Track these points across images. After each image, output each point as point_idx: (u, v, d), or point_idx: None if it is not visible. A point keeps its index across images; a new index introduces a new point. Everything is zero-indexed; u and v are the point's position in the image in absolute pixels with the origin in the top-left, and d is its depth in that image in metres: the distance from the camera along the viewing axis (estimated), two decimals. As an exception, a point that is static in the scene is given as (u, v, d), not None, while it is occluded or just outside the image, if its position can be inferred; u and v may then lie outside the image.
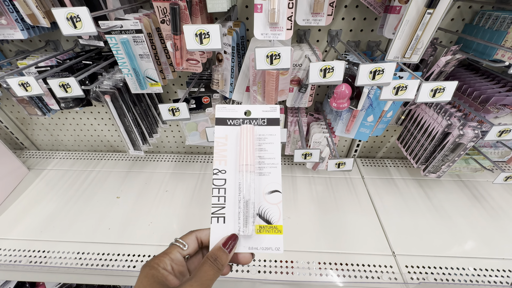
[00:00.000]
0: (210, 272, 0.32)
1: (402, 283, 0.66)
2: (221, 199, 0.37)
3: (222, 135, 0.39)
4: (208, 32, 0.43)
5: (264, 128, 0.39)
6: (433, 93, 0.49)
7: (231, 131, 0.39)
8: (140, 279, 0.31)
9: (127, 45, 0.56)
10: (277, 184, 0.37)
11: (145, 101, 0.79)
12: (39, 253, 0.74)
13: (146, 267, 0.32)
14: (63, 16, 0.41)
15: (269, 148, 0.38)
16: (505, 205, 0.87)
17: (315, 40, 0.77)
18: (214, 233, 0.36)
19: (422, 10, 0.48)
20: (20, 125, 1.08)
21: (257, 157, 0.38)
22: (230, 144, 0.38)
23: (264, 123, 0.39)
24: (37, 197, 0.92)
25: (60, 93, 0.53)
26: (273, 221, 0.36)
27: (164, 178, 0.99)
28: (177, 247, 0.35)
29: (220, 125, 0.39)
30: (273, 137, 0.38)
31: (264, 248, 0.36)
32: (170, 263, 0.33)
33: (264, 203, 0.36)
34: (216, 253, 0.33)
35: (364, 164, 1.07)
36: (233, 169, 0.37)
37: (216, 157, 0.38)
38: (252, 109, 0.39)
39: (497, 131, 0.56)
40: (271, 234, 0.36)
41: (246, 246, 0.36)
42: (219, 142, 0.38)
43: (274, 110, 0.39)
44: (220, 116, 0.39)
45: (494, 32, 0.61)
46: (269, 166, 0.38)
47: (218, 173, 0.37)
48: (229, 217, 0.36)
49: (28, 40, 0.81)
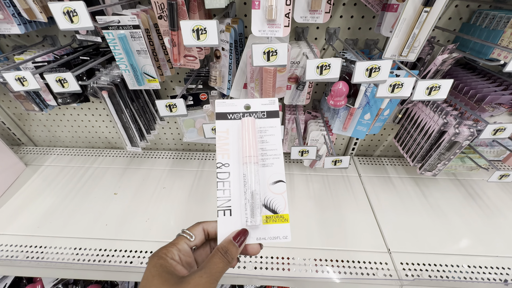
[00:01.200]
0: (220, 264, 0.32)
1: (396, 280, 0.67)
2: (226, 192, 0.37)
3: (224, 129, 0.39)
4: (205, 28, 0.43)
5: (264, 121, 0.39)
6: (428, 91, 0.50)
7: (232, 125, 0.39)
8: (148, 269, 0.31)
9: (125, 41, 0.56)
10: (280, 175, 0.38)
11: (142, 98, 0.79)
12: (36, 249, 0.74)
13: (155, 257, 0.32)
14: (59, 10, 0.41)
15: (270, 139, 0.39)
16: (500, 203, 0.88)
17: (313, 38, 0.77)
18: (221, 226, 0.36)
19: (419, 9, 0.48)
20: (18, 121, 1.08)
21: (260, 149, 0.38)
22: (232, 138, 0.39)
23: (264, 116, 0.40)
24: (35, 193, 0.92)
25: (57, 88, 0.53)
26: (279, 211, 0.37)
27: (161, 175, 0.99)
28: (184, 238, 0.35)
29: (221, 120, 0.39)
30: (274, 129, 0.39)
31: (272, 237, 0.36)
32: (177, 253, 0.33)
33: (269, 194, 0.37)
34: (227, 246, 0.34)
35: (362, 162, 1.07)
36: (236, 162, 0.38)
37: (219, 151, 0.38)
38: (252, 103, 0.40)
39: (492, 129, 0.56)
40: (278, 224, 0.36)
41: (254, 237, 0.36)
42: (221, 137, 0.39)
43: (273, 103, 0.40)
44: (220, 110, 0.40)
45: (491, 31, 0.62)
46: (272, 157, 0.38)
47: (222, 167, 0.38)
48: (235, 210, 0.36)
49: (25, 35, 0.80)
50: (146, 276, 0.31)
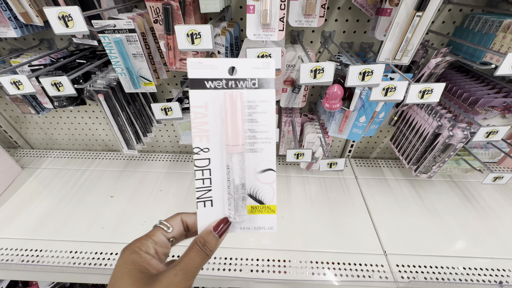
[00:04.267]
0: (197, 258, 0.29)
1: (392, 282, 0.67)
2: (206, 182, 0.32)
3: (201, 103, 0.30)
4: (199, 33, 0.43)
5: (255, 93, 0.30)
6: (421, 94, 0.50)
7: (212, 96, 0.30)
8: (118, 265, 0.28)
9: (120, 45, 0.56)
10: (270, 162, 0.32)
11: (139, 100, 0.80)
12: (32, 252, 0.74)
13: (126, 251, 0.29)
14: (54, 15, 0.41)
15: (261, 118, 0.31)
16: (495, 205, 0.88)
17: (309, 41, 0.78)
18: (201, 218, 0.32)
19: (411, 13, 0.49)
20: (14, 123, 1.08)
21: (247, 130, 0.31)
22: (212, 114, 0.30)
23: (255, 86, 0.30)
24: (31, 196, 0.91)
25: (52, 92, 0.53)
26: (266, 201, 0.33)
27: (158, 178, 0.99)
28: (160, 229, 0.32)
29: (197, 89, 0.29)
30: (267, 104, 0.30)
31: (257, 227, 0.33)
32: (153, 246, 0.30)
33: (256, 183, 0.32)
34: (206, 237, 0.31)
35: (358, 164, 1.08)
36: (219, 146, 0.31)
37: (196, 132, 0.30)
38: (238, 64, 0.29)
39: (484, 132, 0.57)
40: (263, 214, 0.33)
41: (238, 227, 0.33)
42: (198, 113, 0.30)
43: (267, 66, 0.29)
44: (195, 76, 0.29)
45: (483, 35, 0.63)
46: (262, 142, 0.31)
47: (200, 152, 0.31)
48: (216, 200, 0.32)
49: (22, 39, 0.81)
50: (115, 274, 0.27)
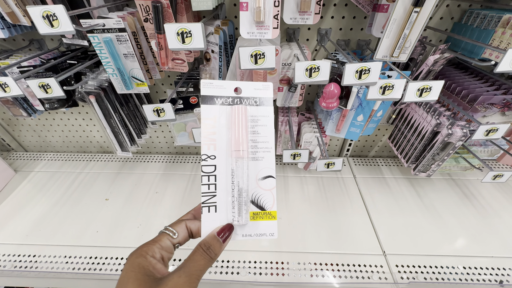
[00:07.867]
0: (201, 261, 0.30)
1: (392, 283, 0.66)
2: (211, 187, 0.34)
3: (210, 116, 0.35)
4: (190, 31, 0.41)
5: (256, 109, 0.35)
6: (419, 92, 0.49)
7: (220, 111, 0.35)
8: (125, 270, 0.29)
9: (110, 44, 0.55)
10: (270, 170, 0.35)
11: (132, 101, 0.78)
12: (25, 258, 0.72)
13: (133, 255, 0.30)
14: (38, 14, 0.39)
15: (262, 131, 0.35)
16: (495, 203, 0.87)
17: (305, 39, 0.77)
18: (205, 223, 0.34)
19: (409, 9, 0.48)
20: (7, 126, 1.06)
21: (250, 141, 0.35)
22: (220, 126, 0.35)
23: (256, 103, 0.36)
24: (24, 199, 0.90)
25: (40, 94, 0.52)
26: (267, 207, 0.35)
27: (154, 179, 0.98)
28: (166, 235, 0.34)
29: (207, 104, 0.34)
30: (266, 118, 0.36)
31: (259, 234, 0.35)
32: (159, 251, 0.31)
33: (258, 189, 0.35)
34: (210, 241, 0.32)
35: (356, 163, 1.06)
36: (224, 154, 0.35)
37: (205, 141, 0.34)
38: (243, 86, 0.35)
39: (484, 130, 0.56)
40: (265, 220, 0.35)
41: (240, 234, 0.35)
42: (207, 125, 0.34)
43: (266, 88, 0.36)
44: (207, 93, 0.35)
45: (482, 31, 0.61)
46: (262, 151, 0.35)
47: (207, 159, 0.35)
48: (221, 206, 0.34)
49: (11, 39, 0.79)
50: (123, 276, 0.29)
